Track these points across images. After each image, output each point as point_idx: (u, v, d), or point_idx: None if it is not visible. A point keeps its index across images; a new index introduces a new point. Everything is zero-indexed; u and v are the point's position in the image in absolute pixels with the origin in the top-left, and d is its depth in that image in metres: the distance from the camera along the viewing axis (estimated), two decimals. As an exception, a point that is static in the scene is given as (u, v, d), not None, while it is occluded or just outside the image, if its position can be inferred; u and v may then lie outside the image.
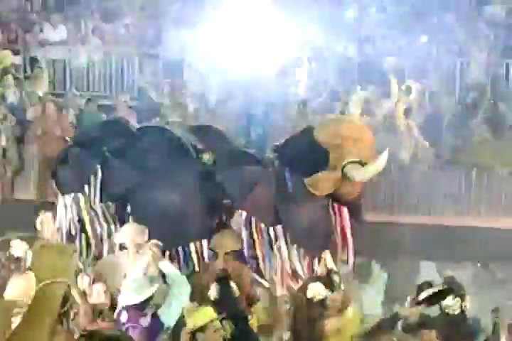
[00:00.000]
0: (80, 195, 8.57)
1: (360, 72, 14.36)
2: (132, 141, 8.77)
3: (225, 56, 14.50)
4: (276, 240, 8.34)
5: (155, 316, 6.12)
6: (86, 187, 8.54)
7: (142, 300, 6.06)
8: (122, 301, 6.18)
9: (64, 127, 12.32)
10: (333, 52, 14.67)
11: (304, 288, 7.41)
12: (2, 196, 12.27)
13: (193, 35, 14.91)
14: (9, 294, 5.91)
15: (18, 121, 12.64)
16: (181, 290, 6.29)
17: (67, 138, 11.53)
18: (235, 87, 13.85)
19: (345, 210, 8.58)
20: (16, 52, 14.96)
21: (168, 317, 6.14)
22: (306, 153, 8.39)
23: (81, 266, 7.70)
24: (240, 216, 8.31)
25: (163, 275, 6.54)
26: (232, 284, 6.97)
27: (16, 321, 3.16)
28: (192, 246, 8.24)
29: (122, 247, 7.72)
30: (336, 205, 8.58)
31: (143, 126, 9.59)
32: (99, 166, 8.54)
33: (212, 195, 8.40)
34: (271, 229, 8.33)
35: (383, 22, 15.09)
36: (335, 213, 8.58)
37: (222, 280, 6.94)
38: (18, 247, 7.25)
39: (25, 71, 14.87)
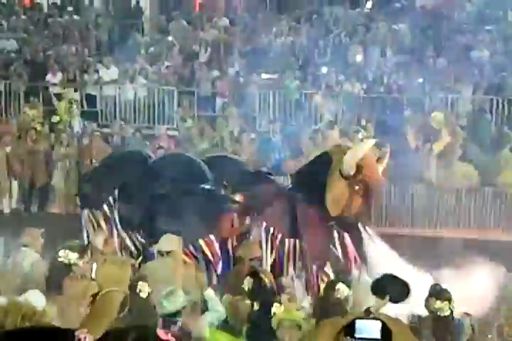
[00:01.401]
0: (98, 211, 8.86)
1: (364, 106, 15.42)
2: (151, 170, 8.97)
3: (248, 92, 15.79)
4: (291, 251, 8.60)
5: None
6: (105, 206, 8.83)
7: (175, 310, 6.28)
8: (158, 309, 6.36)
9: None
10: (342, 90, 15.78)
11: (331, 289, 7.49)
12: (66, 210, 13.16)
13: (221, 75, 16.38)
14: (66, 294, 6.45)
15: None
16: (218, 315, 6.68)
17: (94, 161, 12.25)
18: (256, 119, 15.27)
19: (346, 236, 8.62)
20: (74, 90, 16.15)
21: (201, 331, 6.43)
22: (316, 165, 8.58)
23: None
24: (261, 226, 8.62)
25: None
26: (262, 276, 7.57)
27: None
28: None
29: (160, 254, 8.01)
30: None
31: (164, 155, 10.05)
32: (116, 191, 8.78)
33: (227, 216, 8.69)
34: (287, 240, 8.58)
35: (385, 65, 16.27)
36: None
37: (254, 273, 7.57)
38: (65, 257, 7.21)
39: (82, 106, 16.00)
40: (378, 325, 2.16)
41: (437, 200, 13.23)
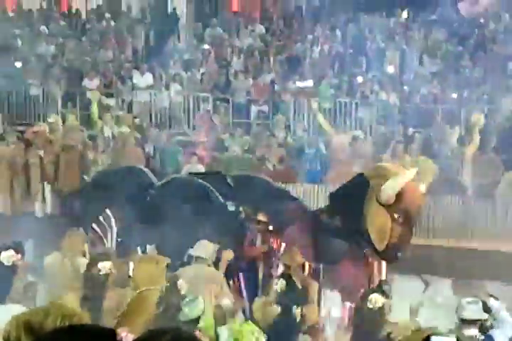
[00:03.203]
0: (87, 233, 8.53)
1: (400, 115, 15.17)
2: (153, 194, 8.60)
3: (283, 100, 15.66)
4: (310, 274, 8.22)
5: None
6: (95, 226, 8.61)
7: (194, 316, 6.02)
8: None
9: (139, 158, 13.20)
10: (377, 99, 15.58)
11: (363, 299, 7.43)
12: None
13: (256, 82, 16.13)
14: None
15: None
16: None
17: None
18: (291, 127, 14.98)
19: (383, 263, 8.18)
20: (110, 95, 16.06)
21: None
22: (352, 187, 7.91)
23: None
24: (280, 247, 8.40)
25: None
26: (294, 278, 7.64)
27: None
28: None
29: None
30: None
31: (169, 179, 9.27)
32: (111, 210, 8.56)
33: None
34: (307, 264, 8.20)
35: (421, 75, 15.99)
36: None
37: (286, 275, 7.62)
38: (103, 267, 7.06)
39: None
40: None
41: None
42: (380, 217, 7.59)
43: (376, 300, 7.20)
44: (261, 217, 8.52)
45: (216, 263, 7.97)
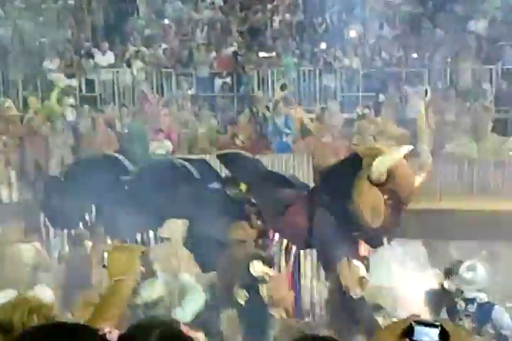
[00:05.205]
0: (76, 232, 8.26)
1: (363, 81, 15.23)
2: (134, 181, 8.22)
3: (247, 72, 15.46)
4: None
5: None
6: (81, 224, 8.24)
7: (151, 299, 6.04)
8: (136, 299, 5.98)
9: (111, 140, 13.11)
10: (341, 65, 15.51)
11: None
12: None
13: (219, 55, 16.00)
14: None
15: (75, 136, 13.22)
16: (194, 296, 6.50)
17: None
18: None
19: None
20: (71, 76, 15.78)
21: (184, 316, 6.16)
22: (344, 167, 7.37)
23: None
24: (273, 237, 7.92)
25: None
26: (261, 289, 7.06)
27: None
28: None
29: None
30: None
31: (147, 163, 9.01)
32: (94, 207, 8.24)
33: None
34: (301, 252, 7.85)
35: (382, 38, 16.00)
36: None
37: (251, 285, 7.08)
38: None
39: (80, 91, 15.75)
40: (436, 329, 2.14)
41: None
42: (372, 195, 7.10)
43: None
44: (253, 200, 8.02)
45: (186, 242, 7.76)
